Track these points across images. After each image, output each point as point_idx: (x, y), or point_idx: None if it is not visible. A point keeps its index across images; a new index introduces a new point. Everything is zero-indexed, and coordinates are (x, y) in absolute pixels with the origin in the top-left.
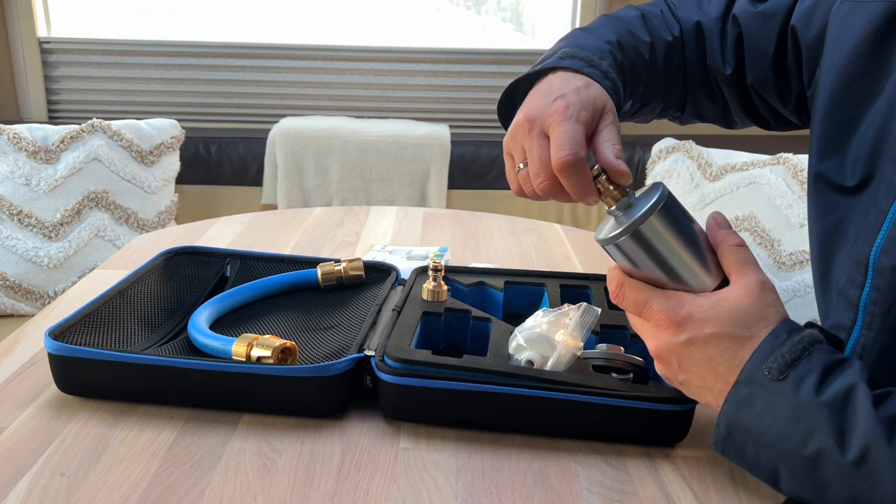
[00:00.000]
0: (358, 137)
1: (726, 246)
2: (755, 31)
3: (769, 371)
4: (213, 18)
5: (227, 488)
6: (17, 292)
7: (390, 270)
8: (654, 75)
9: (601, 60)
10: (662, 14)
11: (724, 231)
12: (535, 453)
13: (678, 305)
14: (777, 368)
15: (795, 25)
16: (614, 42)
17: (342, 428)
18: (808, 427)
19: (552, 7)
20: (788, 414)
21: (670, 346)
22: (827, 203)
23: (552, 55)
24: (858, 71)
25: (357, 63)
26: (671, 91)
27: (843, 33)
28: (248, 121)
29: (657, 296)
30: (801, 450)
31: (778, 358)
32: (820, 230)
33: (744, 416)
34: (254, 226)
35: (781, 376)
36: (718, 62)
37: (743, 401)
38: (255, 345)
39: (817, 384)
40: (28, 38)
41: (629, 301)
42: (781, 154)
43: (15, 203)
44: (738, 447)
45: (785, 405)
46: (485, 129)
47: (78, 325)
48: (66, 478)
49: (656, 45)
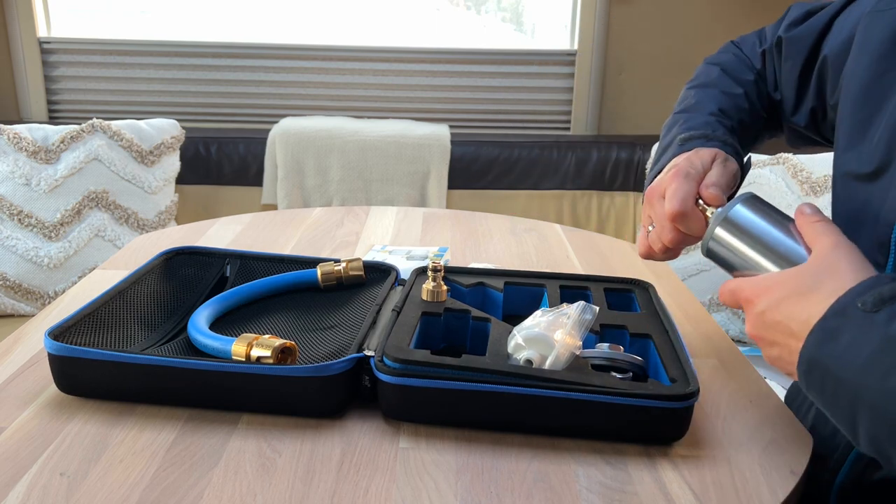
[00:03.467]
0: (358, 137)
1: (807, 224)
2: (790, 53)
3: (863, 304)
4: (213, 18)
5: (227, 488)
6: (17, 292)
7: (390, 270)
8: (757, 116)
9: (714, 132)
10: (736, 57)
11: (807, 214)
12: (535, 453)
13: (760, 282)
14: (872, 302)
15: (825, 51)
16: (716, 111)
17: (342, 428)
18: (893, 361)
19: (552, 7)
20: (875, 346)
21: (754, 322)
22: (849, 192)
23: (670, 144)
24: (882, 69)
25: (357, 63)
26: (771, 118)
27: (868, 37)
28: (248, 121)
29: (746, 280)
30: (884, 383)
31: (875, 294)
32: (842, 217)
33: (827, 350)
34: (254, 226)
35: (876, 309)
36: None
37: (829, 333)
38: (255, 345)
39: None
40: (28, 38)
41: (726, 292)
42: (781, 154)
43: (15, 203)
44: (818, 385)
45: (875, 336)
46: (485, 129)
47: (78, 326)
48: (66, 478)
49: (748, 91)
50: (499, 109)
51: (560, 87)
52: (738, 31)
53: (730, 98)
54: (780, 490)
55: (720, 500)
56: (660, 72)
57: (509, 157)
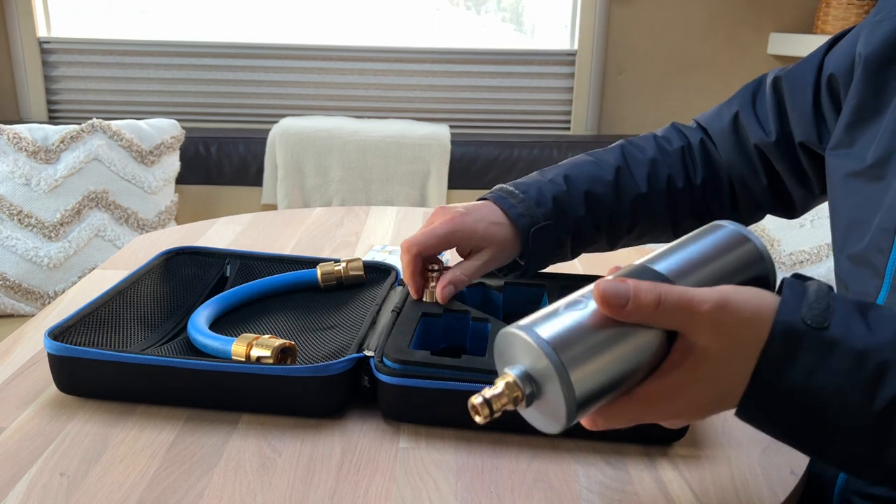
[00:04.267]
0: (358, 137)
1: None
2: (795, 87)
3: (811, 320)
4: (213, 18)
5: (227, 488)
6: (17, 292)
7: (390, 270)
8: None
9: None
10: (673, 128)
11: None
12: (535, 453)
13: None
14: (816, 316)
15: (831, 70)
16: (560, 177)
17: (342, 428)
18: (875, 368)
19: (552, 7)
20: (849, 364)
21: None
22: (851, 189)
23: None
24: (883, 65)
25: (357, 63)
26: (676, 204)
27: (870, 44)
28: (248, 121)
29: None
30: (869, 402)
31: (812, 305)
32: (844, 217)
33: (787, 378)
34: (254, 226)
35: (825, 323)
36: (761, 135)
37: (784, 358)
38: (255, 345)
39: (866, 324)
40: (28, 38)
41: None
42: None
43: (15, 203)
44: (774, 413)
45: (841, 354)
46: (485, 129)
47: (78, 326)
48: (66, 478)
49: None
50: (499, 109)
51: (560, 87)
52: (738, 30)
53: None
54: (780, 490)
55: (720, 501)
56: (660, 72)
57: (509, 157)
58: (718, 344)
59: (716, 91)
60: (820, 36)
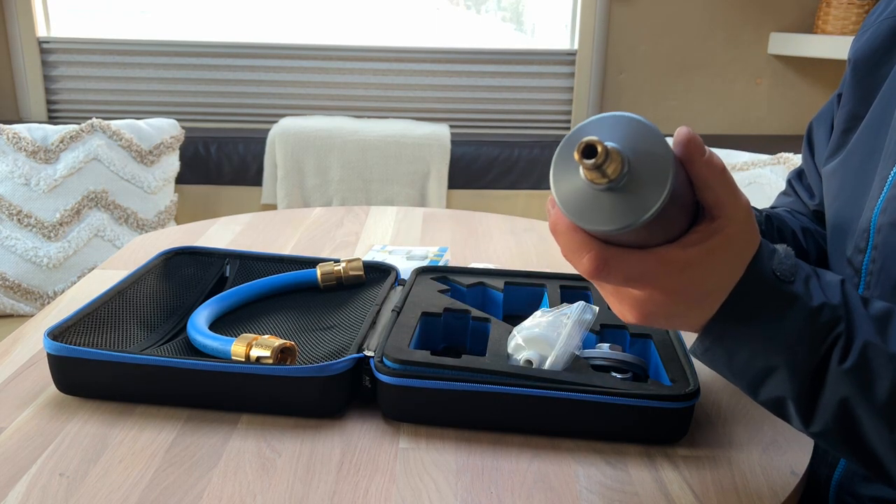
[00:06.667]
0: (358, 137)
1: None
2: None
3: (781, 273)
4: (213, 18)
5: (227, 488)
6: (17, 292)
7: (390, 270)
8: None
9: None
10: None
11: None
12: (535, 453)
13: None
14: (786, 271)
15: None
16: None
17: (341, 428)
18: (829, 320)
19: (552, 7)
20: (806, 314)
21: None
22: (833, 190)
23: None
24: (881, 59)
25: (357, 63)
26: None
27: (858, 49)
28: (248, 121)
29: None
30: (818, 350)
31: (782, 260)
32: (832, 213)
33: (743, 328)
34: (253, 226)
35: (792, 278)
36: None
37: (747, 306)
38: (255, 345)
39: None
40: (28, 38)
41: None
42: (781, 154)
43: (15, 203)
44: (727, 355)
45: (801, 306)
46: (485, 129)
47: (77, 326)
48: (66, 478)
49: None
50: (499, 109)
51: (560, 87)
52: (737, 31)
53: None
54: (780, 490)
55: (721, 501)
56: (660, 72)
57: (509, 156)
58: (739, 236)
59: (716, 91)
60: (820, 36)
